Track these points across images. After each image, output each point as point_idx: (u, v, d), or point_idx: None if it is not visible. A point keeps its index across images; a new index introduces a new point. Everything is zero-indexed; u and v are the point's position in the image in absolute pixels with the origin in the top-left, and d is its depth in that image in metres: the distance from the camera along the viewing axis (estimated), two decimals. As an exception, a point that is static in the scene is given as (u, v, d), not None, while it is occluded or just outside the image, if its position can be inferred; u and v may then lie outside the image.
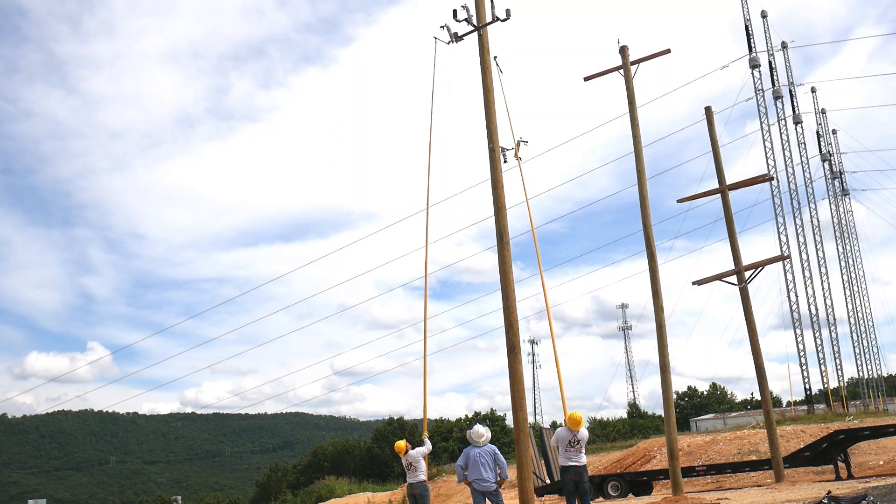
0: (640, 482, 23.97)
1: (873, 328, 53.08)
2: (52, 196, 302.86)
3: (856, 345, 48.38)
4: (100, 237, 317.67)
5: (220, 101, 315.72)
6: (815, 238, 45.69)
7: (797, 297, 41.62)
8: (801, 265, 42.67)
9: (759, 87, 43.53)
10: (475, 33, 13.92)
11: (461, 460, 11.21)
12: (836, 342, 43.36)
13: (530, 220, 15.53)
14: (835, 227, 51.40)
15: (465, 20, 13.74)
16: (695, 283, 21.48)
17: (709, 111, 22.95)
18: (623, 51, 19.52)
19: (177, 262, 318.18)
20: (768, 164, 42.66)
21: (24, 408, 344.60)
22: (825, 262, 45.35)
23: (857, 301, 50.30)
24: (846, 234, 51.89)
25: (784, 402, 66.74)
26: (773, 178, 40.93)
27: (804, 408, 42.86)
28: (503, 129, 13.63)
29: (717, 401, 76.80)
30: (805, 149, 46.47)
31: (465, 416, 69.60)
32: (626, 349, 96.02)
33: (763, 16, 45.33)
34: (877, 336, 67.52)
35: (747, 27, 44.23)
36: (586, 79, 20.24)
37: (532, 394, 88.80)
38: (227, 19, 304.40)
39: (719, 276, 21.49)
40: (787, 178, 43.70)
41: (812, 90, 50.97)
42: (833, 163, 52.91)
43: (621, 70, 19.47)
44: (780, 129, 44.61)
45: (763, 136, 43.05)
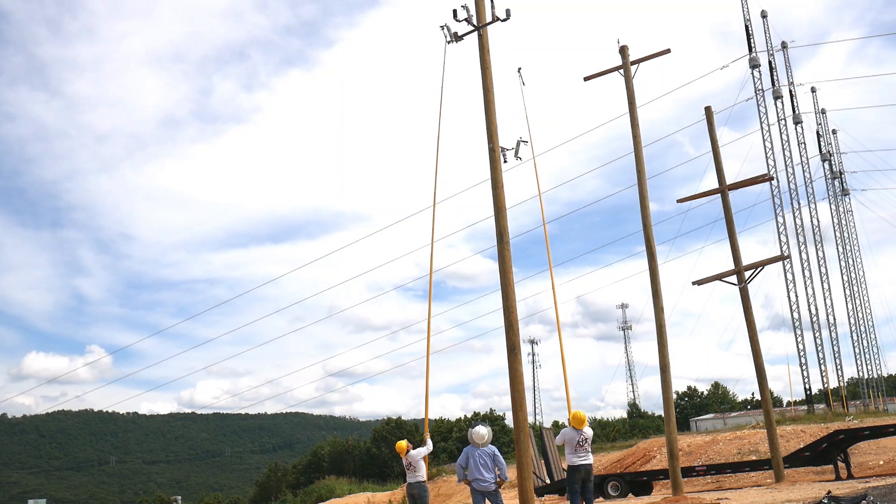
0: (640, 482, 23.96)
1: (873, 328, 53.12)
2: (40, 198, 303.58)
3: (856, 345, 48.42)
4: (90, 238, 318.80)
5: (204, 103, 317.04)
6: (815, 238, 45.75)
7: (797, 297, 41.65)
8: (801, 265, 42.72)
9: (759, 87, 43.59)
10: (475, 33, 13.92)
11: (461, 460, 11.23)
12: (836, 342, 43.39)
13: (543, 217, 15.52)
14: (835, 227, 51.45)
15: (465, 20, 13.74)
16: (695, 283, 21.48)
17: (709, 111, 22.94)
18: (623, 51, 19.52)
19: (167, 264, 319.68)
20: (768, 164, 42.69)
21: (23, 408, 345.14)
22: (825, 262, 45.39)
23: (857, 301, 50.35)
24: (846, 234, 51.93)
25: (784, 402, 66.78)
26: (773, 178, 40.93)
27: (804, 408, 42.85)
28: (514, 129, 13.65)
29: (717, 401, 76.84)
30: (805, 149, 46.53)
31: (465, 416, 69.67)
32: (626, 349, 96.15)
33: (763, 16, 45.35)
34: (877, 336, 67.55)
35: (747, 27, 44.24)
36: (586, 79, 20.24)
37: (532, 394, 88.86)
38: (206, 22, 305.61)
39: (719, 276, 21.48)
40: (787, 178, 43.76)
41: (812, 90, 51.00)
42: (833, 163, 52.94)
43: (621, 70, 19.47)
44: (780, 129, 44.67)
45: (763, 136, 43.08)
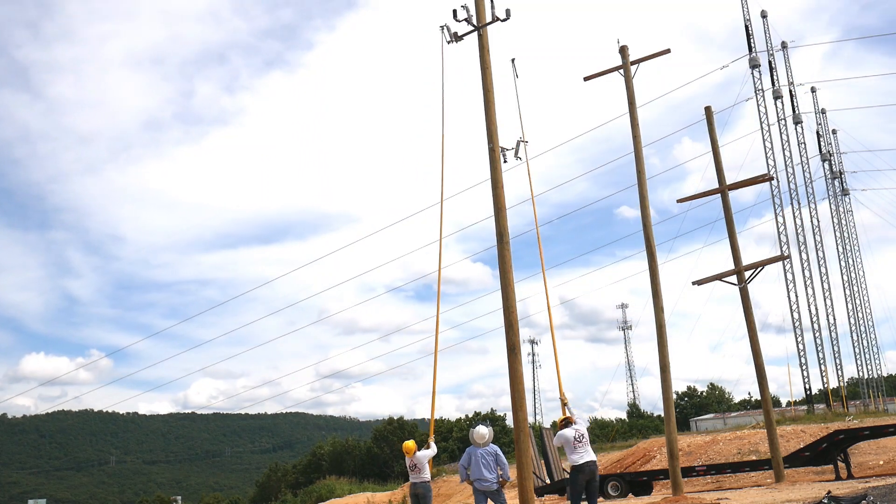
0: (640, 482, 23.97)
1: (873, 328, 53.15)
2: (27, 199, 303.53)
3: (856, 345, 48.42)
4: (78, 240, 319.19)
5: (186, 105, 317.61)
6: (815, 238, 45.74)
7: (797, 296, 41.65)
8: (801, 265, 42.72)
9: (759, 88, 43.60)
10: (475, 33, 13.91)
11: (464, 460, 11.25)
12: (835, 342, 43.40)
13: (535, 219, 15.51)
14: (835, 227, 51.45)
15: (465, 20, 13.73)
16: (695, 283, 21.48)
17: (709, 111, 22.94)
18: (623, 51, 19.52)
19: (157, 265, 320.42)
20: (768, 164, 42.71)
21: (23, 408, 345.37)
22: (825, 262, 45.39)
23: (857, 301, 50.34)
24: (846, 234, 51.93)
25: (784, 402, 66.78)
26: (773, 178, 40.94)
27: (804, 408, 42.85)
28: (514, 129, 13.63)
29: (717, 401, 76.80)
30: (805, 149, 46.54)
31: (465, 416, 69.66)
32: (626, 349, 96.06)
33: (763, 16, 45.36)
34: (877, 336, 67.56)
35: (747, 27, 44.25)
36: (586, 79, 20.25)
37: (532, 394, 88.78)
38: (185, 25, 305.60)
39: (719, 276, 21.48)
40: (787, 178, 43.78)
41: (812, 90, 50.99)
42: (833, 163, 52.93)
43: (621, 70, 19.47)
44: (780, 129, 44.68)
45: (763, 136, 43.09)
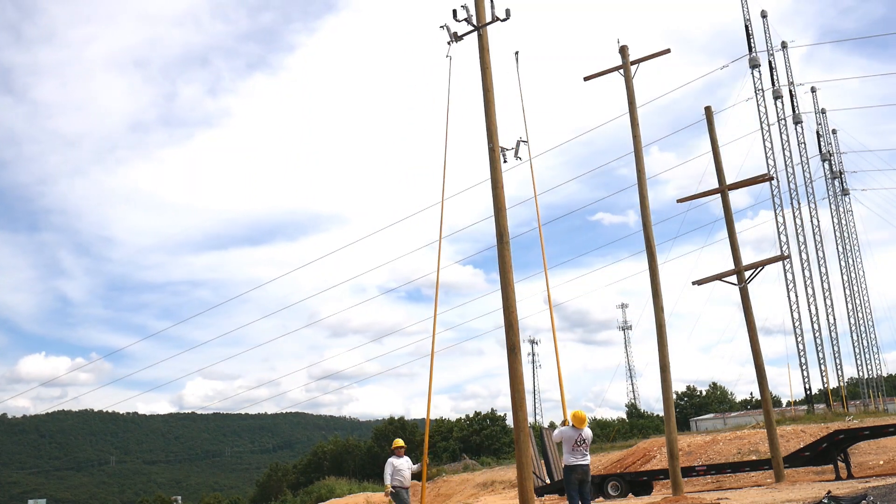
0: (640, 482, 23.97)
1: (873, 328, 53.09)
2: (15, 201, 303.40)
3: (856, 345, 48.41)
4: (68, 241, 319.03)
5: (170, 107, 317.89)
6: (814, 238, 45.73)
7: (797, 296, 41.65)
8: (801, 265, 42.72)
9: (759, 87, 43.60)
10: (475, 33, 13.91)
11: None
12: (836, 342, 43.39)
13: (538, 218, 15.51)
14: (835, 226, 51.44)
15: (465, 20, 13.74)
16: (695, 283, 21.48)
17: (709, 111, 22.95)
18: (623, 51, 19.53)
19: (148, 266, 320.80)
20: (768, 164, 42.71)
21: (23, 408, 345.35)
22: (825, 261, 45.38)
23: (857, 301, 50.33)
24: (846, 233, 51.92)
25: (784, 402, 66.76)
26: (773, 178, 40.94)
27: (804, 408, 42.84)
28: (514, 129, 13.64)
29: (719, 401, 76.80)
30: (805, 149, 46.53)
31: (465, 415, 69.71)
32: (626, 349, 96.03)
33: (763, 16, 45.35)
34: (877, 336, 67.58)
35: (747, 27, 44.25)
36: (586, 79, 20.25)
37: (532, 394, 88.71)
38: (166, 28, 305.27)
39: (719, 276, 21.49)
40: (787, 178, 43.78)
41: (812, 90, 50.99)
42: (833, 163, 52.92)
43: (621, 70, 19.48)
44: (780, 129, 44.67)
45: (763, 136, 43.09)
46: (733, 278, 21.43)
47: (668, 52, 19.52)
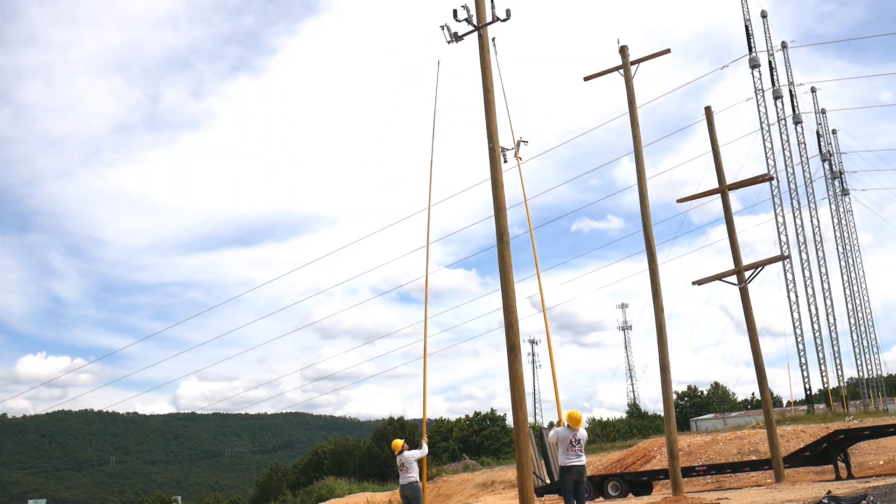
0: (640, 482, 23.98)
1: (873, 328, 53.01)
2: (2, 203, 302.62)
3: (856, 345, 48.38)
4: (59, 243, 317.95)
5: (154, 109, 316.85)
6: (815, 238, 45.72)
7: (797, 296, 41.64)
8: (801, 265, 42.70)
9: (759, 87, 43.59)
10: (475, 33, 13.92)
11: None
12: (836, 342, 43.37)
13: (529, 222, 15.52)
14: (835, 227, 51.44)
15: (465, 20, 13.74)
16: (695, 283, 21.49)
17: (708, 111, 22.95)
18: (623, 51, 19.53)
19: (139, 267, 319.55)
20: (768, 164, 42.71)
21: (23, 408, 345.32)
22: (825, 261, 45.37)
23: (857, 301, 50.31)
24: (846, 233, 51.92)
25: (784, 402, 66.75)
26: (773, 178, 40.93)
27: (804, 408, 42.84)
28: (503, 125, 13.63)
29: (718, 401, 76.78)
30: (805, 149, 46.52)
31: (465, 416, 69.73)
32: (626, 349, 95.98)
33: (763, 16, 45.35)
34: (877, 336, 67.52)
35: (747, 27, 44.25)
36: (586, 79, 20.26)
37: (532, 395, 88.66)
38: (146, 31, 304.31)
39: (719, 276, 21.49)
40: (787, 178, 43.77)
41: (812, 90, 50.99)
42: (833, 163, 52.91)
43: (621, 70, 19.48)
44: (780, 129, 44.67)
45: (763, 136, 43.09)
46: (733, 278, 21.43)
47: (668, 52, 19.53)
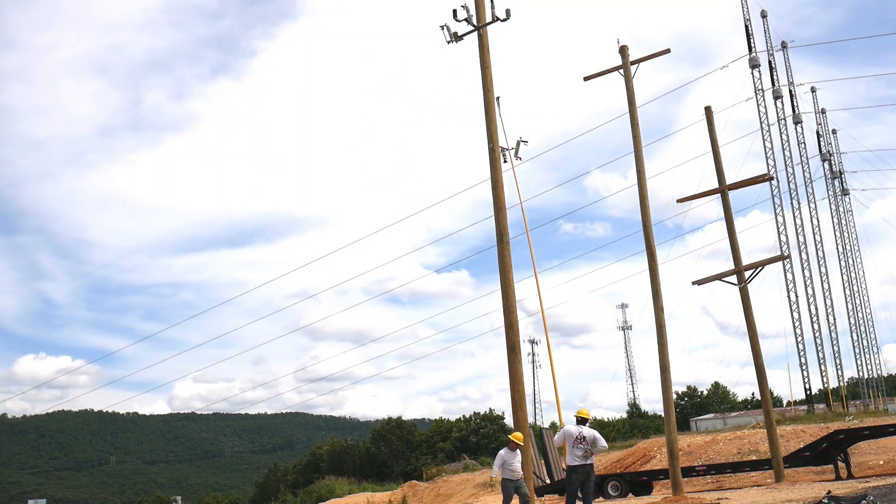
0: (640, 482, 23.97)
1: (873, 328, 52.97)
2: None
3: (856, 344, 48.37)
4: (47, 244, 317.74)
5: (136, 112, 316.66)
6: (814, 238, 45.71)
7: (797, 296, 41.63)
8: (801, 265, 42.70)
9: (759, 87, 43.59)
10: (475, 33, 13.91)
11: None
12: (836, 342, 43.37)
13: (525, 222, 15.51)
14: (834, 227, 51.42)
15: (465, 20, 13.74)
16: (695, 283, 21.48)
17: (708, 111, 22.94)
18: (623, 51, 19.52)
19: (128, 268, 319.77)
20: (768, 164, 42.70)
21: (23, 408, 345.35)
22: (825, 261, 45.36)
23: (857, 301, 50.28)
24: (846, 233, 51.90)
25: (784, 402, 66.72)
26: (773, 178, 40.93)
27: (804, 408, 42.83)
28: (512, 126, 13.63)
29: (718, 401, 76.73)
30: (805, 149, 46.52)
31: (464, 416, 69.76)
32: (626, 349, 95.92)
33: (763, 16, 45.36)
34: (877, 336, 67.47)
35: (747, 27, 44.24)
36: (586, 79, 20.24)
37: (532, 395, 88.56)
38: (125, 34, 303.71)
39: (719, 276, 21.48)
40: (787, 178, 43.76)
41: (812, 90, 50.98)
42: (833, 163, 52.90)
43: (621, 70, 19.47)
44: (780, 129, 44.67)
45: (763, 136, 43.08)
46: (733, 278, 21.42)
47: (668, 51, 19.53)
